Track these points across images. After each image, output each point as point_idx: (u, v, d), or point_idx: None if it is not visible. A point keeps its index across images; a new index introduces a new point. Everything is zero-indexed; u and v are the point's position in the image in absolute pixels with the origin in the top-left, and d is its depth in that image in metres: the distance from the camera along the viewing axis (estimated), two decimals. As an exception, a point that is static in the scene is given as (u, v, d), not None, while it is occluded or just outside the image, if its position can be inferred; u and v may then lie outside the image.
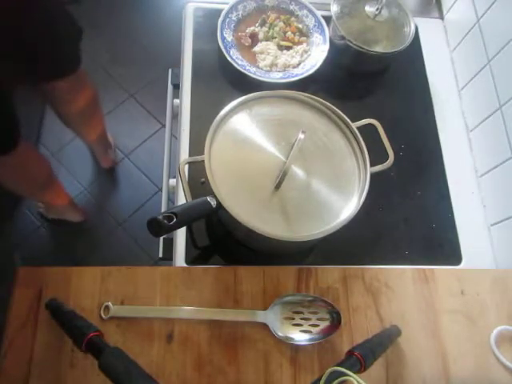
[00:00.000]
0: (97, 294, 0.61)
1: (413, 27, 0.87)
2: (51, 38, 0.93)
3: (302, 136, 0.63)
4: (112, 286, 0.62)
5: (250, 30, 0.88)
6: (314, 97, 0.70)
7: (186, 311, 0.61)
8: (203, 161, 0.61)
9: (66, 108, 1.18)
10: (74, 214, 1.50)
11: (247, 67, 0.84)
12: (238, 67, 0.83)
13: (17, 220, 1.54)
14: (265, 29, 0.89)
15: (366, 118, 0.72)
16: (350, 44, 0.84)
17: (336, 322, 0.61)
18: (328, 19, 0.88)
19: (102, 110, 1.36)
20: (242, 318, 0.61)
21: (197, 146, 0.77)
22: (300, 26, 0.90)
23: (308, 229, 0.60)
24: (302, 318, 0.61)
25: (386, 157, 0.70)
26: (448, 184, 0.83)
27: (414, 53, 0.94)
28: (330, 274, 0.66)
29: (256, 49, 0.87)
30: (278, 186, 0.62)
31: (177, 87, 0.91)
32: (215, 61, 0.87)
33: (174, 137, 0.88)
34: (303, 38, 0.89)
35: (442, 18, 1.00)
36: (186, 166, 0.72)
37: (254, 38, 0.88)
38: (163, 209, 0.94)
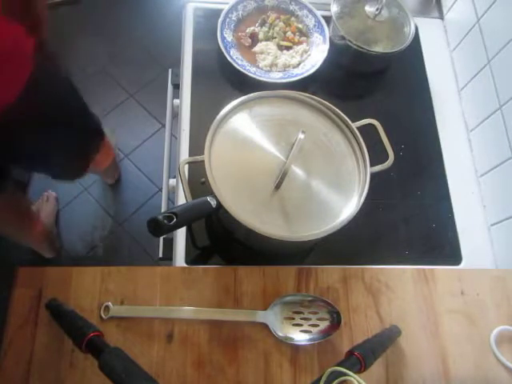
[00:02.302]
0: (97, 294, 0.61)
1: (413, 27, 0.87)
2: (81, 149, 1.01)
3: (301, 136, 0.63)
4: (112, 285, 0.61)
5: (249, 29, 0.88)
6: (313, 97, 0.70)
7: (186, 311, 0.61)
8: (203, 161, 0.61)
9: None
10: (47, 249, 1.44)
11: (247, 67, 0.84)
12: (238, 67, 0.83)
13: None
14: (265, 29, 0.89)
15: (366, 118, 0.72)
16: (350, 44, 0.84)
17: (336, 322, 0.61)
18: (328, 19, 0.88)
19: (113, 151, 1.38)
20: (241, 318, 0.61)
21: (197, 146, 0.77)
22: (300, 25, 0.90)
23: (308, 229, 0.60)
24: (302, 318, 0.61)
25: (386, 157, 0.69)
26: (448, 184, 0.83)
27: (414, 53, 0.94)
28: (330, 274, 0.66)
29: (256, 49, 0.87)
30: (278, 186, 0.61)
31: (177, 87, 0.91)
32: (215, 61, 0.87)
33: (174, 137, 0.88)
34: (303, 38, 0.89)
35: (442, 18, 1.00)
36: (186, 166, 0.72)
37: (254, 38, 0.88)
38: (163, 209, 0.94)
